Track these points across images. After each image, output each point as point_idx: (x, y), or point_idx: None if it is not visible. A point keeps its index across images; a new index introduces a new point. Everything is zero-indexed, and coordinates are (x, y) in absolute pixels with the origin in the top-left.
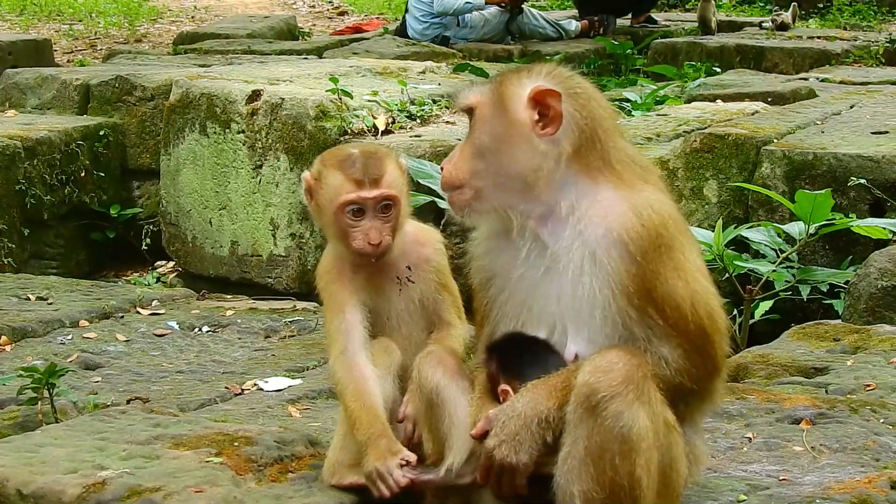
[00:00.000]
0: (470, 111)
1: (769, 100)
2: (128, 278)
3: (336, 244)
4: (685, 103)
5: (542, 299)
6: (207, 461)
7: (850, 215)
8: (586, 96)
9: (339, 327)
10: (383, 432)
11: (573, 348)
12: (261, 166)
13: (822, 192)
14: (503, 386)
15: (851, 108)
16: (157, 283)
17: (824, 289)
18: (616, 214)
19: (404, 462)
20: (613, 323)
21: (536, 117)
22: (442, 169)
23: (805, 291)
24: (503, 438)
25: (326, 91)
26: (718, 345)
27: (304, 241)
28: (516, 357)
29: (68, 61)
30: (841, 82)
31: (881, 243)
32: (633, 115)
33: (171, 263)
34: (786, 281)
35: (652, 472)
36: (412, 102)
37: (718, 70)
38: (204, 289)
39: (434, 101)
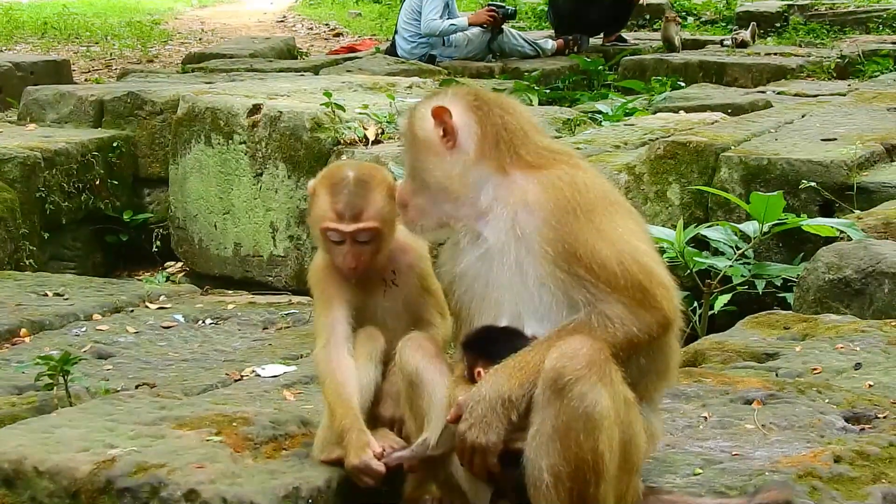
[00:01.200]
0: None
1: (729, 111)
2: (139, 278)
3: (324, 254)
4: (652, 115)
5: (495, 291)
6: (208, 440)
7: (801, 215)
8: (487, 107)
9: (325, 322)
10: (354, 424)
11: (529, 330)
12: (261, 174)
13: (775, 193)
14: (478, 368)
15: (803, 117)
16: (166, 282)
17: (778, 283)
18: (528, 192)
19: (377, 452)
20: (553, 294)
21: (441, 133)
22: None
23: (760, 286)
24: (472, 422)
25: (321, 105)
26: (662, 296)
27: (301, 242)
28: (492, 346)
29: (85, 80)
30: (795, 94)
31: (829, 240)
32: (602, 126)
33: (180, 264)
34: (742, 275)
35: (613, 448)
36: (399, 114)
37: (683, 84)
38: (210, 287)
39: None
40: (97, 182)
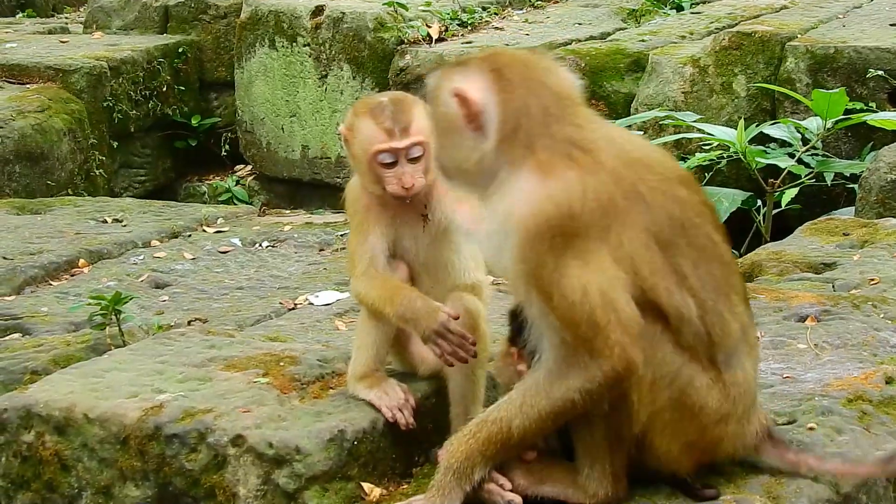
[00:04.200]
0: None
1: None
2: (210, 182)
3: (372, 188)
4: None
5: (502, 271)
6: (255, 381)
7: (869, 104)
8: (512, 87)
9: (364, 250)
10: (420, 295)
11: None
12: (326, 76)
13: (837, 91)
14: (511, 349)
15: (871, 0)
16: (236, 185)
17: (847, 174)
18: (520, 203)
19: (452, 313)
20: (520, 297)
21: (464, 113)
22: None
23: (829, 178)
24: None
25: (384, 4)
26: (615, 341)
27: None
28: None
29: None
30: None
31: None
32: (669, 15)
33: (249, 167)
34: (805, 174)
35: None
36: (463, 10)
37: None
38: (279, 190)
39: (484, 9)
40: (164, 88)
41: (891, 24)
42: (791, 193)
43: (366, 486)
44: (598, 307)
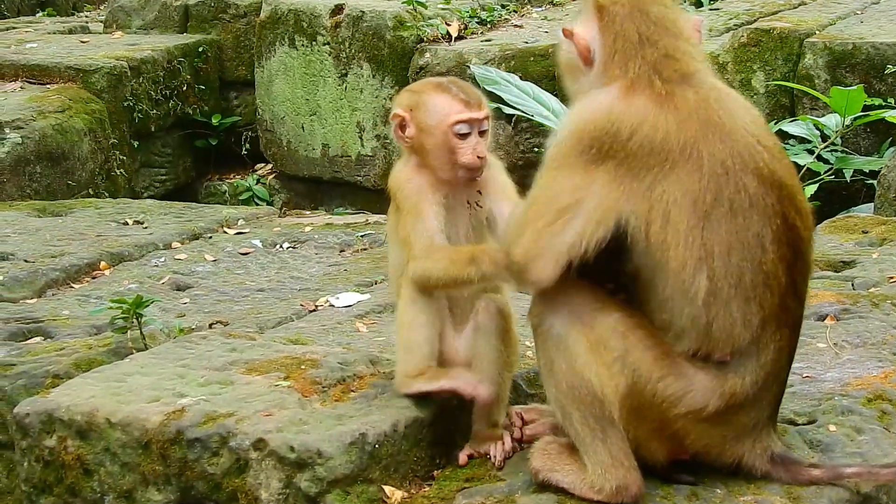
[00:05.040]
0: None
1: None
2: (230, 180)
3: (439, 164)
4: None
5: None
6: (276, 385)
7: (888, 100)
8: (612, 16)
9: (421, 229)
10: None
11: None
12: (346, 74)
13: (855, 87)
14: None
15: None
16: (257, 184)
17: (866, 170)
18: (581, 108)
19: None
20: None
21: (576, 51)
22: None
23: (848, 174)
24: None
25: (403, 2)
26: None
27: (388, 141)
28: None
29: None
30: None
31: None
32: (687, 11)
33: (269, 166)
34: (824, 171)
35: None
36: (482, 8)
37: None
38: (300, 188)
39: (503, 6)
40: (184, 88)
41: None
42: (810, 190)
43: (387, 489)
44: (542, 209)
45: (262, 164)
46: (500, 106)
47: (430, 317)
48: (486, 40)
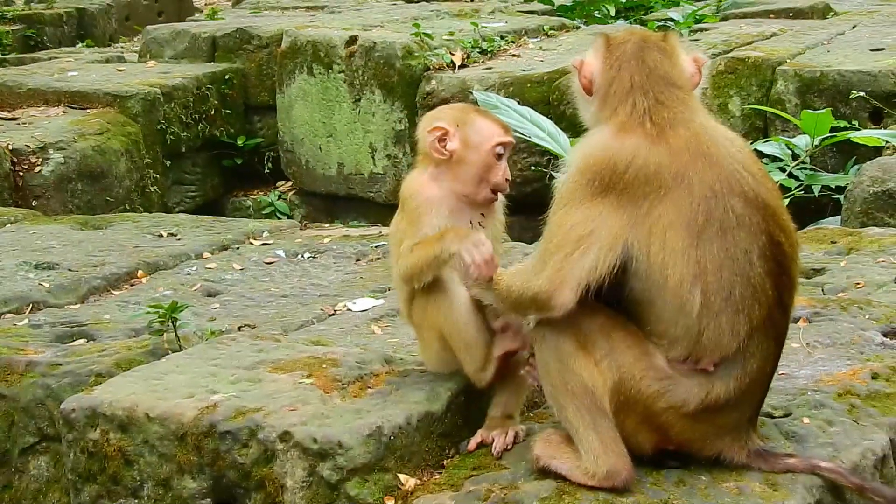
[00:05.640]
0: None
1: (790, 14)
2: (254, 196)
3: (470, 179)
4: (720, 21)
5: None
6: (300, 382)
7: (852, 123)
8: (613, 59)
9: (414, 234)
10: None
11: None
12: (359, 100)
13: (823, 111)
14: None
15: (854, 28)
16: (278, 200)
17: (833, 186)
18: (583, 146)
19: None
20: None
21: (579, 80)
22: None
23: (816, 189)
24: None
25: (411, 34)
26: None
27: (398, 160)
28: None
29: (206, 4)
30: None
31: (879, 149)
32: None
33: (290, 183)
34: (797, 184)
35: None
36: (483, 39)
37: None
38: (318, 204)
39: (502, 37)
40: (212, 112)
41: (871, 50)
42: None
43: (402, 476)
44: (561, 241)
45: (283, 182)
46: None
47: (460, 306)
48: (487, 68)
